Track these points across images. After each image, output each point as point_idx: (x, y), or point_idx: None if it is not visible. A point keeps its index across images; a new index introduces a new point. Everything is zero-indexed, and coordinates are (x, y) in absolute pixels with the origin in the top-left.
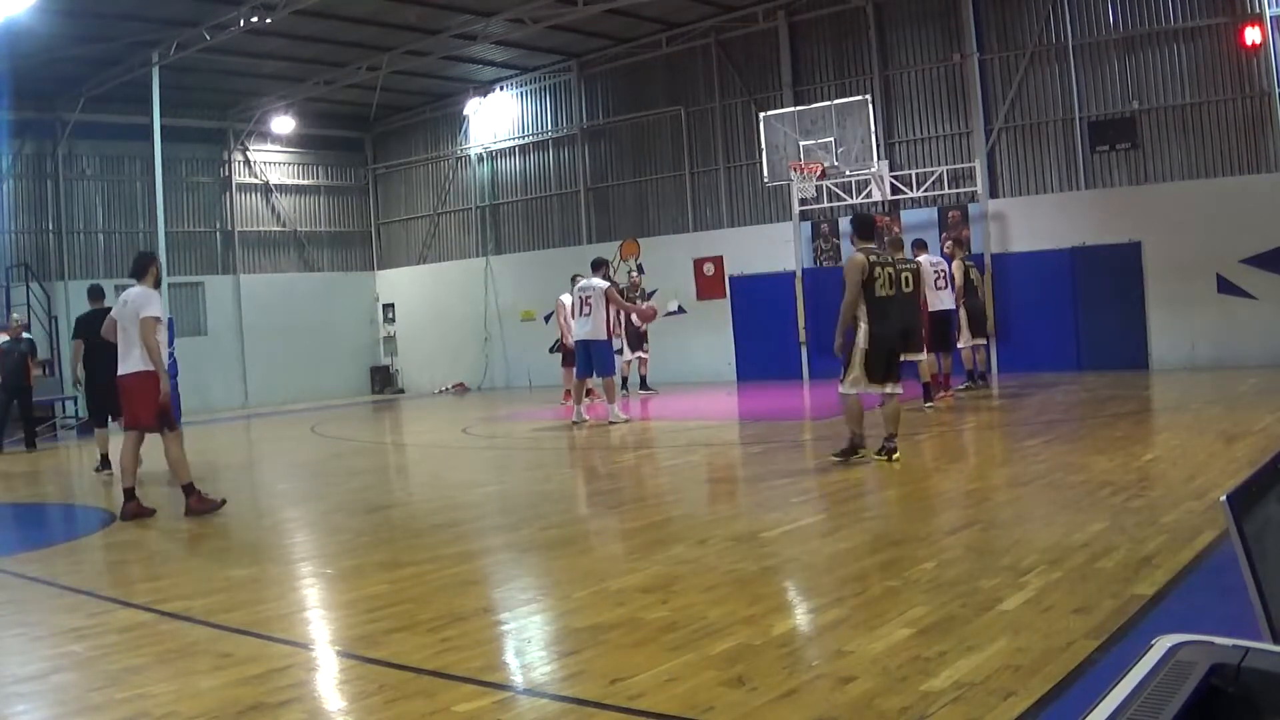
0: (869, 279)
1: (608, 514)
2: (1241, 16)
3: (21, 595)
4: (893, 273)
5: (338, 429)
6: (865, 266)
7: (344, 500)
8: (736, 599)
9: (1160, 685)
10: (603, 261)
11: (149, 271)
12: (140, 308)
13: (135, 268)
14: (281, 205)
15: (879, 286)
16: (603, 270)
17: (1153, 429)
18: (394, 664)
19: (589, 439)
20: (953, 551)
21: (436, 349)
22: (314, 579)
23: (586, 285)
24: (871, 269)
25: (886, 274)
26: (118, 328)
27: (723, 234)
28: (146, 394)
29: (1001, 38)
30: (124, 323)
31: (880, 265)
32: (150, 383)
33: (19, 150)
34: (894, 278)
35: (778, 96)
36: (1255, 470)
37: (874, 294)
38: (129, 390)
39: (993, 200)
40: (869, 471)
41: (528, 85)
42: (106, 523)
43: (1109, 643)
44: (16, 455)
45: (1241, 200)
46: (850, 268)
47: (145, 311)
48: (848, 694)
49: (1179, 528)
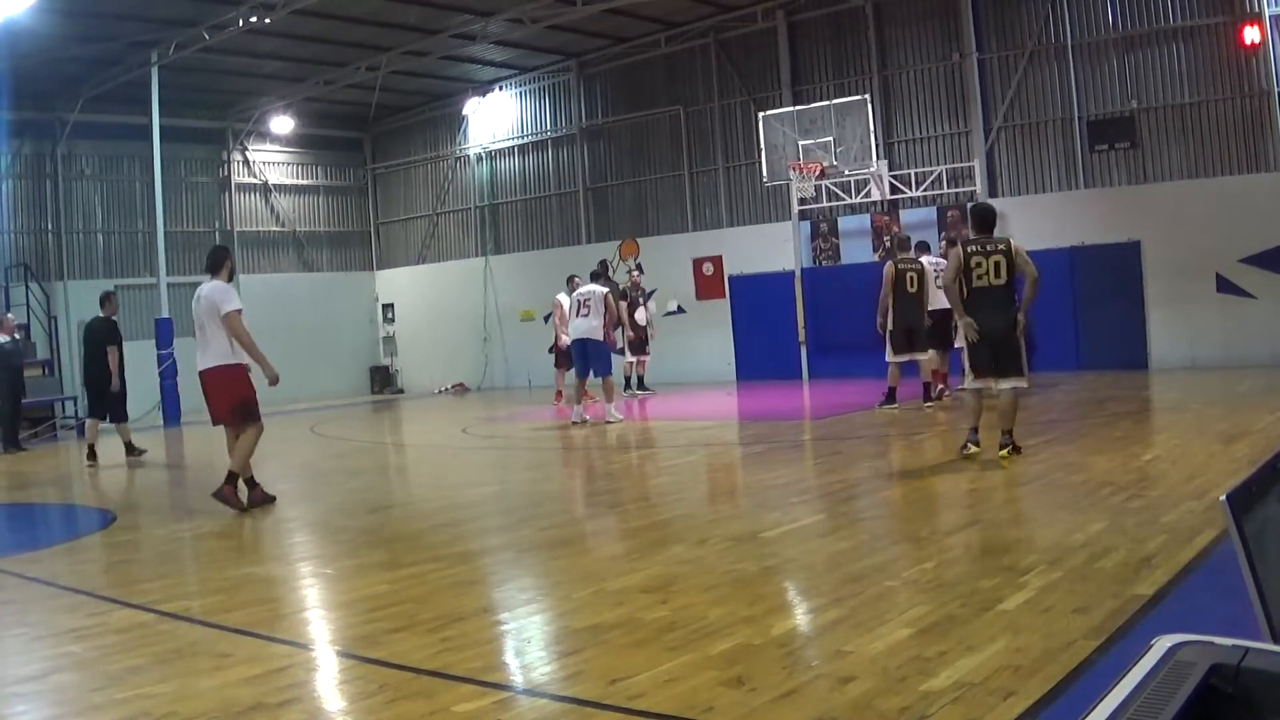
0: (966, 269)
1: (607, 514)
2: (1241, 16)
3: (21, 595)
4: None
5: (337, 429)
6: (960, 259)
7: (344, 500)
8: (736, 599)
9: (1160, 685)
10: (604, 267)
11: (224, 266)
12: (219, 303)
13: (210, 262)
14: (281, 205)
15: (976, 278)
16: (603, 276)
17: (1153, 429)
18: (394, 664)
19: (589, 439)
20: (953, 551)
21: (436, 349)
22: (314, 579)
23: (587, 291)
24: (967, 260)
25: (991, 263)
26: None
27: (722, 234)
28: (223, 388)
29: (1001, 37)
30: (201, 319)
31: (981, 254)
32: (227, 376)
33: (19, 150)
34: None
35: (777, 96)
36: (1255, 470)
37: (972, 284)
38: (208, 385)
39: (992, 200)
40: (869, 471)
41: (527, 85)
42: (106, 523)
43: (1109, 643)
44: (18, 455)
45: (1241, 200)
46: (949, 259)
47: (226, 306)
48: (847, 694)
49: (1179, 528)
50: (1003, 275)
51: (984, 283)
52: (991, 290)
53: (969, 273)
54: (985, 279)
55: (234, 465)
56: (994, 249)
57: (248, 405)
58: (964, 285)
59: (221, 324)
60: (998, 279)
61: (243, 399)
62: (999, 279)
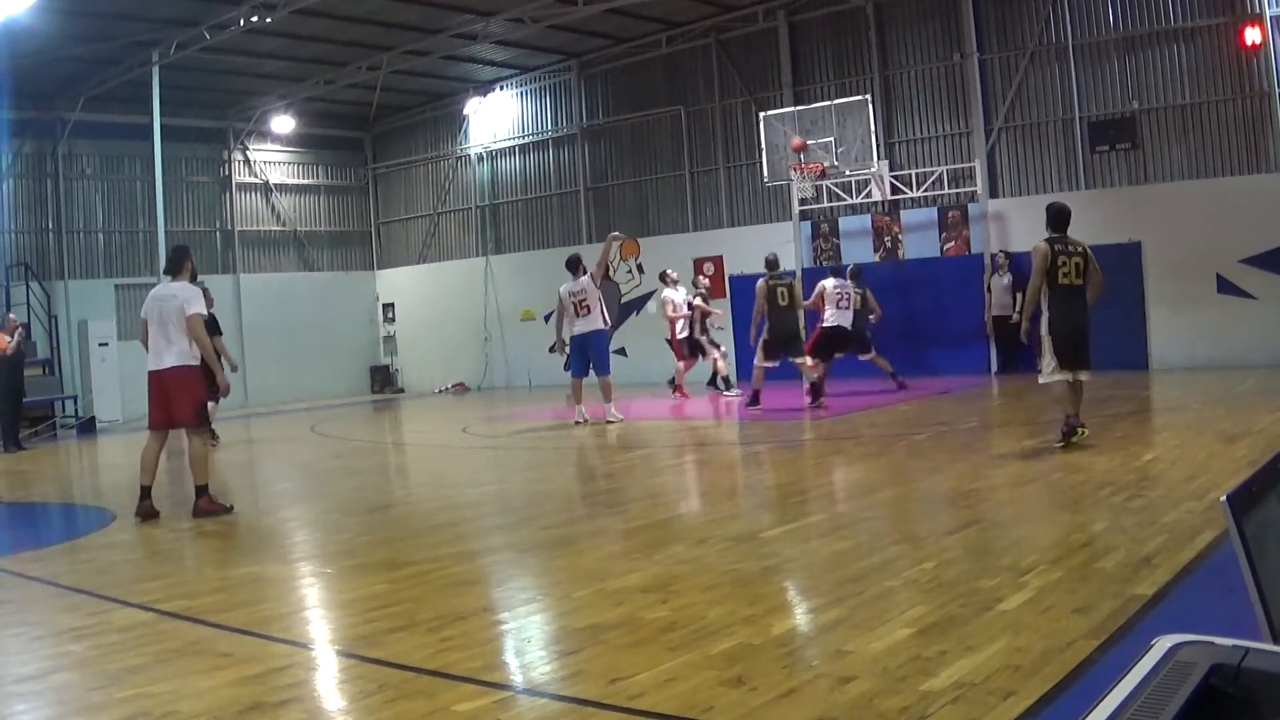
0: (1052, 267)
1: (608, 514)
2: (1242, 16)
3: (21, 595)
4: (1081, 262)
5: (337, 428)
6: (1047, 255)
7: (344, 500)
8: (736, 599)
9: (1160, 685)
10: (577, 259)
11: (185, 267)
12: (187, 304)
13: (171, 263)
14: (281, 205)
15: (1061, 275)
16: (579, 267)
17: (1153, 429)
18: (394, 664)
19: (588, 439)
20: (953, 551)
21: (436, 349)
22: (314, 579)
23: (576, 288)
24: (1054, 257)
25: (1073, 263)
26: (149, 325)
27: (722, 234)
28: (185, 388)
29: (1001, 38)
30: (166, 318)
31: (1064, 254)
32: (192, 376)
33: (19, 150)
34: (1080, 267)
35: (777, 96)
36: (1255, 470)
37: (1056, 282)
38: (169, 384)
39: (992, 200)
40: (869, 471)
41: (527, 85)
42: (106, 523)
43: (1109, 643)
44: (18, 455)
45: (1241, 200)
46: (1035, 255)
47: (194, 308)
48: (847, 694)
49: (1179, 528)
50: (1081, 276)
51: (1068, 281)
52: (1074, 288)
53: (1055, 271)
54: (1069, 278)
55: (198, 480)
56: (1075, 250)
57: (204, 407)
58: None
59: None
60: (1078, 279)
61: (203, 400)
62: (1079, 279)
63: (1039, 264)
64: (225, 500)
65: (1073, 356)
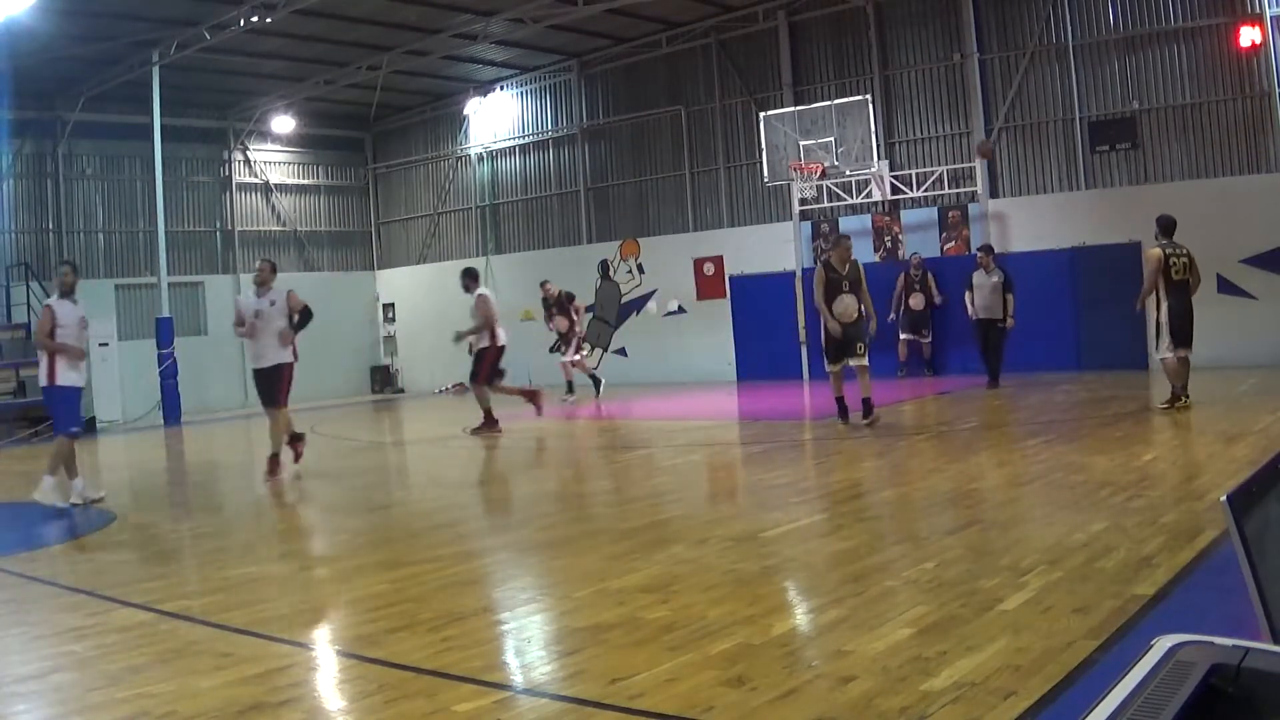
0: (1165, 268)
1: (608, 514)
2: (1241, 17)
3: (21, 595)
4: (1187, 261)
5: (338, 428)
6: (1161, 258)
7: (344, 500)
8: (736, 599)
9: (1160, 685)
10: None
11: None
12: None
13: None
14: (281, 205)
15: (1174, 273)
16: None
17: (1153, 429)
18: (394, 664)
19: (588, 439)
20: (953, 551)
21: (436, 349)
22: (314, 579)
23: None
24: (1166, 260)
25: (1180, 263)
26: None
27: (723, 234)
28: None
29: (1001, 38)
30: None
31: (1174, 256)
32: None
33: (19, 150)
34: (1185, 265)
35: (778, 96)
36: (1255, 470)
37: (1170, 279)
38: None
39: (993, 200)
40: (869, 471)
41: (528, 85)
42: (106, 523)
43: (1109, 643)
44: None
45: (1241, 200)
46: (1148, 260)
47: None
48: (848, 694)
49: (1179, 528)
50: (1185, 273)
51: (1180, 277)
52: (1182, 283)
53: (1168, 270)
54: (1180, 274)
55: None
56: (1181, 253)
57: None
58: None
59: None
60: (1184, 276)
61: None
62: (1184, 276)
63: (1154, 266)
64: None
65: (1184, 337)
